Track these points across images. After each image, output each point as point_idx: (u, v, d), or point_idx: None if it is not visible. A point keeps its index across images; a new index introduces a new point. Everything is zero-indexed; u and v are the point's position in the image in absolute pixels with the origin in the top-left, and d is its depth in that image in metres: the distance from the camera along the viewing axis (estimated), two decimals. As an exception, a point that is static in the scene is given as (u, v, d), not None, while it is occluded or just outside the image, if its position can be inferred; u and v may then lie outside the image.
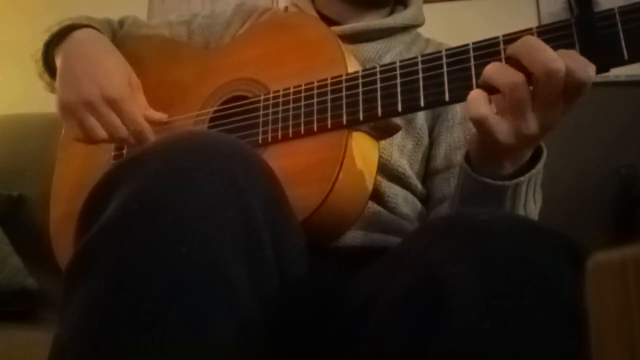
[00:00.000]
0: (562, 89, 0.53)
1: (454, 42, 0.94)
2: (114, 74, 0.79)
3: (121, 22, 1.01)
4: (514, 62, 0.55)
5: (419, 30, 0.94)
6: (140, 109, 0.80)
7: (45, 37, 0.86)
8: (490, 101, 0.56)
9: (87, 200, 0.52)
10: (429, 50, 0.89)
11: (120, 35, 0.98)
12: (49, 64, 0.86)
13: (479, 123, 0.56)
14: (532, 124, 0.55)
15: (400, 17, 0.88)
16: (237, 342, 0.45)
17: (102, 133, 0.78)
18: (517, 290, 0.42)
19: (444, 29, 1.09)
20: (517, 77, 0.54)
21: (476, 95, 0.56)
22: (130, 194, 0.47)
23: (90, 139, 0.79)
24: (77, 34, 0.84)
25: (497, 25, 1.93)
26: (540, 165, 0.62)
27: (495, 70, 0.55)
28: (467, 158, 0.65)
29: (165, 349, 0.41)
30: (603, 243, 0.26)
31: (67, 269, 0.48)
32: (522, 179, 0.61)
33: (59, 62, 0.82)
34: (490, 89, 0.56)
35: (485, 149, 0.61)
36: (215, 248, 0.46)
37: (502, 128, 0.55)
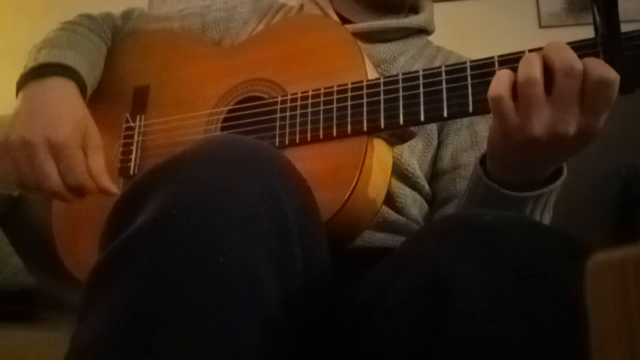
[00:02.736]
0: (579, 91, 0.52)
1: (454, 41, 0.95)
2: (66, 120, 0.71)
3: (126, 16, 0.99)
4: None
5: (429, 38, 0.95)
6: (97, 168, 0.73)
7: (28, 61, 0.82)
8: (512, 85, 0.56)
9: (119, 201, 0.52)
10: (439, 56, 0.90)
11: (127, 30, 0.96)
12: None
13: (493, 101, 0.55)
14: (540, 125, 0.54)
15: (416, 19, 0.89)
16: (262, 350, 0.45)
17: (31, 181, 0.70)
18: (521, 290, 0.42)
19: (444, 28, 1.09)
20: (535, 72, 0.53)
21: (501, 74, 0.56)
22: (168, 199, 0.47)
23: (20, 183, 0.72)
24: (48, 82, 0.76)
25: (497, 25, 1.93)
26: (554, 186, 0.61)
27: (522, 61, 0.55)
28: (482, 161, 0.64)
29: (194, 355, 0.42)
30: (603, 243, 0.26)
31: (96, 268, 0.48)
32: (530, 194, 0.61)
33: (18, 99, 0.76)
34: None
35: (496, 143, 0.60)
36: (250, 259, 0.46)
37: (512, 115, 0.55)
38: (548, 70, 0.54)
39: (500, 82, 0.55)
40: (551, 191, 0.62)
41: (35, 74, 0.78)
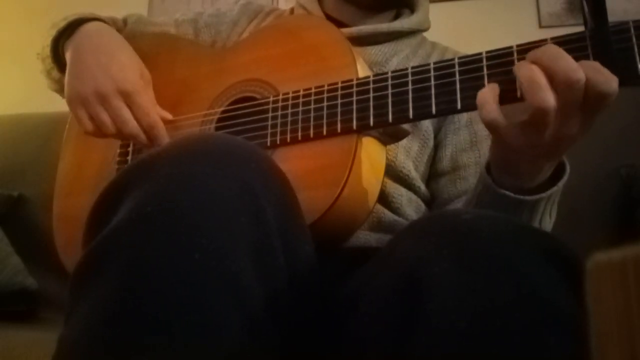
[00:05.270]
0: (581, 100, 0.52)
1: (455, 41, 0.95)
2: (127, 67, 0.79)
3: (125, 21, 1.01)
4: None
5: (424, 34, 0.94)
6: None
7: (52, 32, 0.86)
8: (499, 99, 0.56)
9: (97, 201, 0.52)
10: (435, 54, 0.90)
11: (126, 33, 0.98)
12: (58, 59, 0.85)
13: (490, 127, 0.56)
14: (546, 135, 0.54)
15: (407, 22, 0.88)
16: (246, 346, 0.45)
17: (112, 128, 0.78)
18: (493, 289, 0.42)
19: (444, 28, 1.09)
20: (549, 99, 0.52)
21: (485, 97, 0.56)
22: (144, 197, 0.47)
23: (100, 132, 0.79)
24: (88, 27, 0.84)
25: (497, 25, 1.93)
26: (561, 184, 0.62)
27: (527, 81, 0.53)
28: (487, 169, 0.64)
29: (176, 352, 0.41)
30: (603, 243, 0.26)
31: (76, 269, 0.48)
32: (542, 195, 0.61)
33: (69, 55, 0.82)
34: (512, 92, 0.55)
35: (501, 154, 0.61)
36: (228, 254, 0.46)
37: (514, 132, 0.55)
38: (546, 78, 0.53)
39: (489, 107, 0.55)
40: (560, 188, 0.62)
41: (73, 27, 0.84)
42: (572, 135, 0.55)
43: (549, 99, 0.52)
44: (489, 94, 0.56)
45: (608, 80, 0.51)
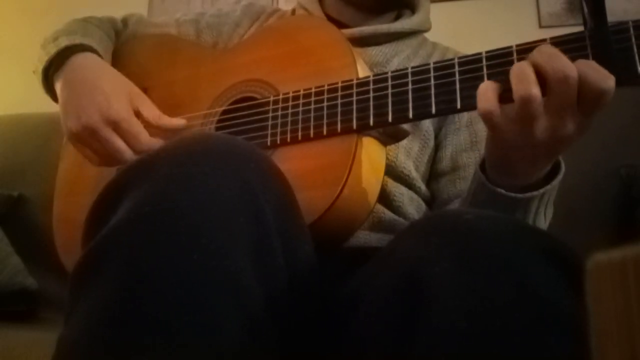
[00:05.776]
0: (576, 97, 0.53)
1: (455, 41, 0.95)
2: (112, 95, 0.77)
3: (125, 21, 1.01)
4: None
5: (425, 34, 0.94)
6: (154, 117, 0.79)
7: (42, 54, 0.85)
8: (500, 97, 0.56)
9: (97, 201, 0.52)
10: (436, 54, 0.90)
11: (126, 35, 0.98)
12: (50, 89, 0.85)
13: (485, 117, 0.56)
14: (540, 132, 0.55)
15: (408, 22, 0.88)
16: (246, 346, 0.45)
17: (109, 161, 0.77)
18: (494, 289, 0.42)
19: (444, 28, 1.09)
20: (532, 89, 0.53)
21: (484, 90, 0.56)
22: (143, 196, 0.47)
23: (107, 163, 0.78)
24: (75, 60, 0.82)
25: (497, 25, 1.93)
26: (556, 182, 0.62)
27: (515, 75, 0.55)
28: (482, 167, 0.64)
29: (176, 352, 0.41)
30: (603, 243, 0.26)
31: (76, 269, 0.48)
32: (535, 193, 0.61)
33: (59, 91, 0.82)
34: (511, 92, 0.55)
35: (497, 151, 0.61)
36: (227, 254, 0.46)
37: (509, 128, 0.55)
38: (541, 76, 0.54)
39: (486, 98, 0.56)
40: (554, 187, 0.62)
41: (61, 57, 0.83)
42: (570, 135, 0.55)
43: (532, 89, 0.53)
44: (488, 86, 0.56)
45: (603, 78, 0.51)
